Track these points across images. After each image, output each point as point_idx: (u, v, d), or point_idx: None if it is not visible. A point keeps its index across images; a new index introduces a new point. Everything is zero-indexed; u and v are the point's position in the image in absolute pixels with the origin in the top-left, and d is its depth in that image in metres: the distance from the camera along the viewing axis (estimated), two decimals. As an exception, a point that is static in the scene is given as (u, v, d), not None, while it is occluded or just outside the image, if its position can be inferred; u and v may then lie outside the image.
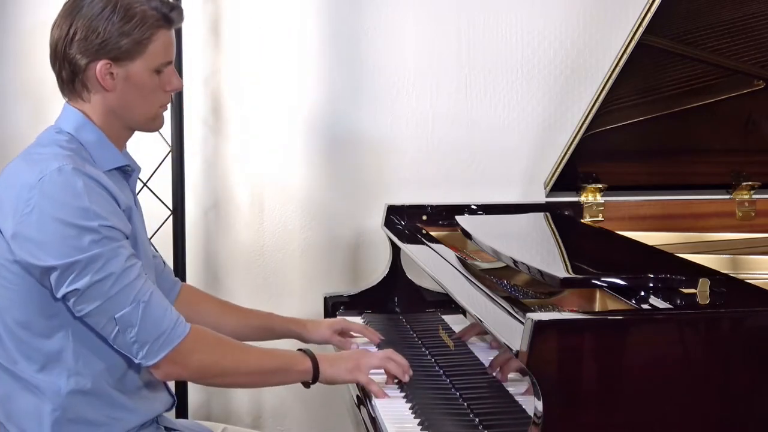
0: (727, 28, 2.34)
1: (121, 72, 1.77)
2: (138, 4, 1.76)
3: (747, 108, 2.52)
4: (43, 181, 1.67)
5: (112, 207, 1.71)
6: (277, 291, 3.30)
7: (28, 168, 1.72)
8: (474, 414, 1.73)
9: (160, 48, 1.79)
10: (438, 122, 3.19)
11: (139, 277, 1.70)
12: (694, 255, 2.08)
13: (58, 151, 1.74)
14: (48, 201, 1.66)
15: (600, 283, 1.67)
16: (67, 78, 1.81)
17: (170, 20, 1.80)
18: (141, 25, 1.75)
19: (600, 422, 1.40)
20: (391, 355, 1.91)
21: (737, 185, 2.66)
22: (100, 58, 1.75)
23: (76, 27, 1.76)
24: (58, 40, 1.79)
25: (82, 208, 1.66)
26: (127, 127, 1.86)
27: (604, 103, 2.37)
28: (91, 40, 1.74)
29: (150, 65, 1.78)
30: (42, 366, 1.74)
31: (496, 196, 2.98)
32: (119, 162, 1.84)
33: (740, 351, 1.43)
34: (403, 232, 2.53)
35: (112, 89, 1.78)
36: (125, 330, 1.68)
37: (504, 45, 3.13)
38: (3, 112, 3.56)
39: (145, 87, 1.80)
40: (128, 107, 1.81)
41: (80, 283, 1.65)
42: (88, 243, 1.65)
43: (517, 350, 1.40)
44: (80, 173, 1.68)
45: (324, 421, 3.29)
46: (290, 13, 3.25)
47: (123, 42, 1.75)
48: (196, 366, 1.76)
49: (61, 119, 1.85)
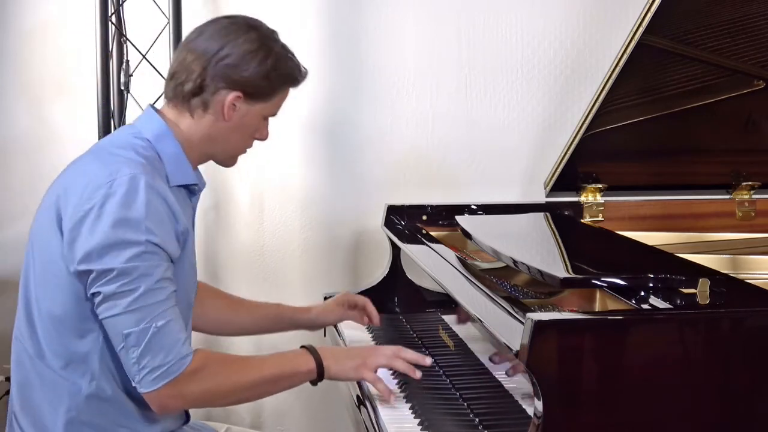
0: (727, 28, 2.34)
1: (244, 108, 1.83)
2: (286, 59, 1.86)
3: (747, 108, 2.52)
4: (111, 184, 1.67)
5: (168, 226, 1.71)
6: (277, 291, 3.30)
7: (100, 166, 1.72)
8: (474, 414, 1.74)
9: (279, 101, 1.90)
10: (438, 122, 3.19)
11: (164, 301, 1.68)
12: (694, 255, 2.08)
13: (133, 156, 1.74)
14: (108, 206, 1.66)
15: (600, 283, 1.67)
16: (188, 90, 1.82)
17: (297, 82, 1.91)
18: (281, 76, 1.85)
19: (600, 422, 1.40)
20: (399, 353, 1.86)
21: (737, 185, 2.66)
22: (236, 90, 1.80)
23: (229, 52, 1.80)
24: (201, 54, 1.80)
25: (136, 220, 1.66)
26: (208, 155, 1.89)
27: (604, 103, 2.37)
28: (238, 71, 1.79)
29: (265, 112, 1.88)
30: (67, 364, 1.74)
31: (496, 196, 2.98)
32: (190, 180, 1.85)
33: (740, 351, 1.43)
34: (403, 232, 2.53)
35: (227, 120, 1.82)
36: (129, 348, 1.66)
37: (504, 45, 3.13)
38: (3, 112, 3.56)
39: (250, 128, 1.87)
40: (226, 140, 1.86)
41: (107, 289, 1.65)
42: (128, 255, 1.65)
43: (517, 350, 1.40)
44: (148, 186, 1.68)
45: (324, 420, 3.29)
46: (290, 13, 3.25)
47: (262, 84, 1.82)
48: (194, 396, 1.71)
49: (142, 123, 1.85)
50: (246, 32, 1.82)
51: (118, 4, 3.16)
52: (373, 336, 2.32)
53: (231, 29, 1.82)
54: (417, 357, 1.85)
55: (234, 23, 1.84)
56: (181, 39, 3.11)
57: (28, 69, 3.51)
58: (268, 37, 1.85)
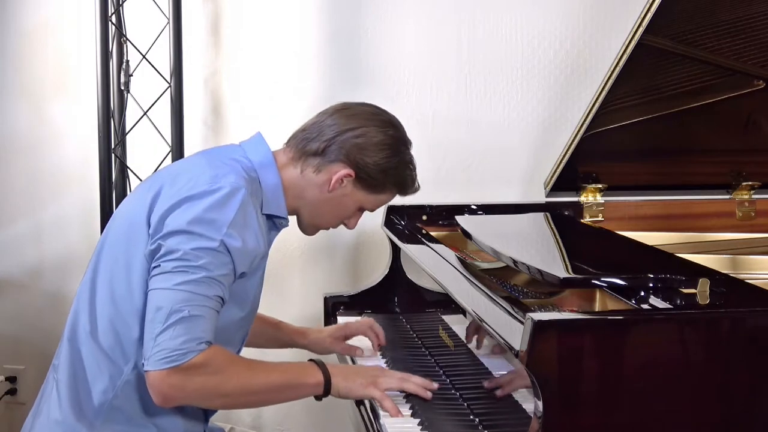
0: (727, 28, 2.34)
1: (348, 189, 1.89)
2: (407, 166, 1.93)
3: (747, 108, 2.51)
4: (214, 184, 1.74)
5: (249, 244, 1.76)
6: (277, 291, 3.30)
7: (208, 167, 1.80)
8: (474, 414, 1.74)
9: (382, 200, 1.96)
10: (438, 122, 3.19)
11: (209, 298, 1.70)
12: (694, 255, 2.07)
13: (241, 172, 1.81)
14: (202, 201, 1.72)
15: (600, 283, 1.67)
16: (312, 147, 1.88)
17: (406, 193, 1.98)
18: (396, 179, 1.92)
19: (600, 422, 1.40)
20: (407, 377, 1.85)
21: (737, 185, 2.66)
22: (351, 168, 1.86)
23: (364, 133, 1.87)
24: (340, 125, 1.88)
25: (222, 221, 1.71)
26: (294, 213, 1.94)
27: (604, 103, 2.36)
28: (363, 154, 1.86)
29: (364, 203, 1.93)
30: (116, 346, 1.78)
31: (496, 196, 2.98)
32: (281, 213, 1.90)
33: (740, 351, 1.43)
34: (403, 232, 2.53)
35: (328, 191, 1.89)
36: (155, 322, 1.67)
37: (504, 45, 3.12)
38: (3, 112, 3.56)
39: (344, 210, 1.93)
40: (318, 210, 1.93)
41: (167, 265, 1.70)
42: (197, 246, 1.70)
43: (517, 350, 1.40)
44: (247, 202, 1.75)
45: (324, 420, 3.29)
46: (290, 13, 3.25)
47: (377, 176, 1.89)
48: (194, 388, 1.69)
49: (251, 146, 1.91)
50: (387, 126, 1.90)
51: (118, 4, 3.16)
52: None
53: (376, 118, 1.90)
54: (425, 382, 1.85)
55: (381, 114, 1.92)
56: (181, 39, 3.13)
57: (28, 69, 3.51)
58: (404, 141, 1.92)
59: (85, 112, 3.30)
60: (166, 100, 3.15)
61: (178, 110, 3.14)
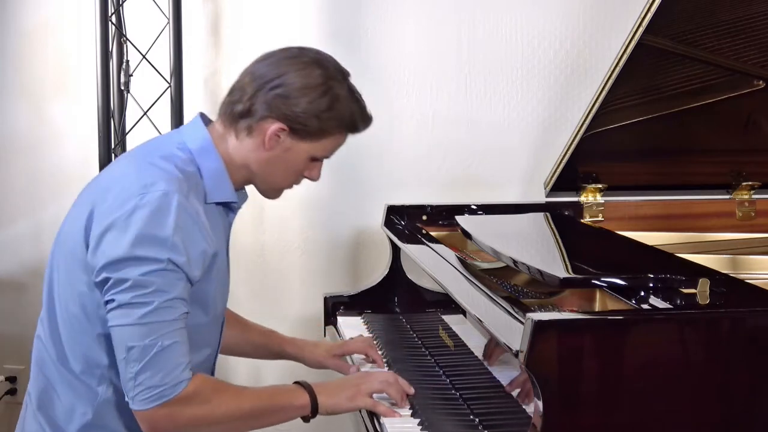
0: (727, 28, 2.34)
1: (287, 142, 1.77)
2: (344, 101, 1.77)
3: (747, 108, 2.51)
4: (143, 196, 1.65)
5: (195, 248, 1.68)
6: (277, 291, 3.30)
7: (136, 174, 1.70)
8: (474, 414, 1.73)
9: (332, 145, 1.81)
10: (438, 122, 3.19)
11: (174, 321, 1.65)
12: (694, 255, 2.07)
13: (172, 170, 1.71)
14: (135, 219, 1.64)
15: (600, 283, 1.67)
16: (238, 110, 1.78)
17: (356, 129, 1.82)
18: (335, 119, 1.77)
19: (600, 422, 1.39)
20: (391, 380, 1.84)
21: (737, 185, 2.66)
22: (281, 121, 1.75)
23: (284, 82, 1.75)
24: (258, 78, 1.77)
25: (162, 238, 1.63)
26: (248, 180, 1.85)
27: (604, 103, 2.37)
28: (287, 103, 1.74)
29: (313, 152, 1.80)
30: (86, 369, 1.74)
31: (496, 196, 2.98)
32: (228, 197, 1.82)
33: (740, 351, 1.43)
34: (403, 232, 2.53)
35: (269, 149, 1.78)
36: (130, 362, 1.64)
37: (504, 45, 3.13)
38: (3, 111, 3.56)
39: (295, 166, 1.81)
40: (267, 171, 1.82)
41: (121, 297, 1.63)
42: (147, 270, 1.63)
43: (517, 350, 1.40)
44: (181, 206, 1.66)
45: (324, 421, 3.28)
46: (290, 13, 3.25)
47: (311, 123, 1.75)
48: (185, 421, 1.68)
49: (187, 133, 1.82)
50: (309, 66, 1.76)
51: (118, 4, 3.16)
52: (374, 336, 2.32)
53: (295, 60, 1.77)
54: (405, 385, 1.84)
55: (301, 55, 1.79)
56: (181, 39, 3.13)
57: (28, 69, 3.51)
58: (333, 77, 1.78)
59: (85, 112, 3.30)
60: (166, 100, 3.15)
61: (178, 110, 3.13)
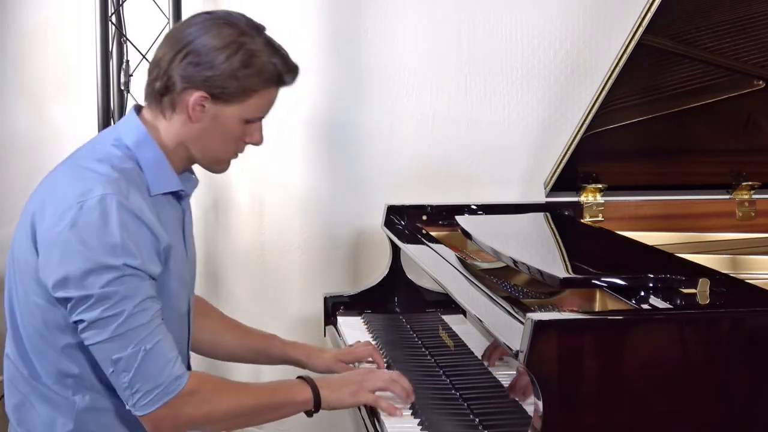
0: (727, 28, 2.34)
1: (213, 110, 1.71)
2: (261, 54, 1.71)
3: (747, 108, 2.51)
4: (81, 206, 1.61)
5: (145, 246, 1.64)
6: (277, 291, 3.30)
7: (72, 182, 1.66)
8: (474, 414, 1.73)
9: (261, 103, 1.75)
10: (438, 122, 3.19)
11: (151, 322, 1.63)
12: (694, 255, 2.07)
13: (108, 172, 1.66)
14: (79, 228, 1.60)
15: (600, 283, 1.67)
16: (158, 89, 1.72)
17: (282, 81, 1.76)
18: (255, 76, 1.71)
19: (600, 422, 1.39)
20: (396, 378, 1.83)
21: (737, 185, 2.66)
22: (200, 89, 1.69)
23: (194, 48, 1.68)
24: (171, 50, 1.71)
25: (111, 244, 1.60)
26: (190, 159, 1.80)
27: (604, 103, 2.37)
28: (200, 69, 1.68)
29: (243, 114, 1.74)
30: (59, 381, 1.72)
31: (496, 196, 2.98)
32: (172, 187, 1.77)
33: (740, 351, 1.43)
34: (403, 232, 2.53)
35: (196, 121, 1.72)
36: (120, 373, 1.63)
37: (504, 45, 3.13)
38: (3, 111, 3.56)
39: (229, 133, 1.75)
40: (203, 144, 1.76)
41: (89, 315, 1.61)
42: (106, 280, 1.60)
43: (517, 350, 1.40)
44: (121, 206, 1.61)
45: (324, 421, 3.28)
46: (290, 13, 3.25)
47: (230, 84, 1.69)
48: (188, 418, 1.68)
49: (123, 128, 1.77)
50: (218, 27, 1.69)
51: (118, 4, 3.16)
52: (374, 336, 2.32)
53: (205, 24, 1.70)
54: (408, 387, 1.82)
55: (211, 18, 1.72)
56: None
57: (28, 69, 3.51)
58: (244, 32, 1.70)
59: (85, 112, 3.30)
60: (166, 100, 3.14)
61: (178, 110, 3.14)
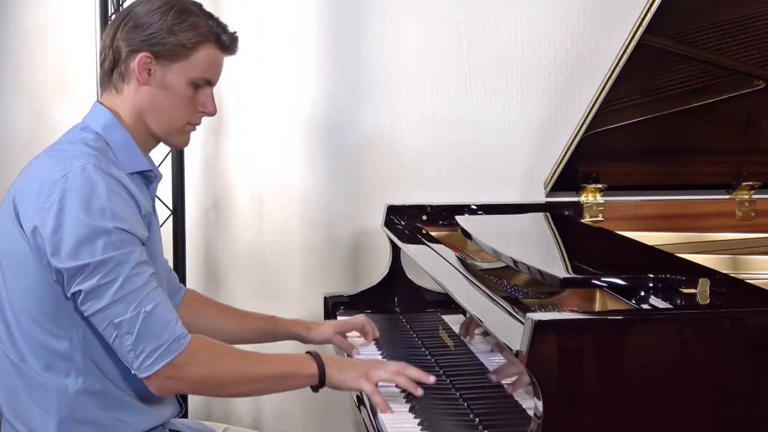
0: (727, 28, 2.34)
1: (159, 71, 1.79)
2: (194, 15, 1.81)
3: (747, 108, 2.51)
4: (66, 178, 1.66)
5: (131, 210, 1.71)
6: (277, 291, 3.30)
7: (52, 164, 1.71)
8: (474, 414, 1.74)
9: (202, 61, 1.82)
10: (438, 122, 3.19)
11: (147, 284, 1.68)
12: (694, 255, 2.08)
13: (83, 149, 1.74)
14: (69, 199, 1.65)
15: (600, 283, 1.67)
16: (108, 67, 1.82)
17: (221, 41, 1.84)
18: (190, 30, 1.79)
19: (600, 422, 1.39)
20: (402, 370, 1.82)
21: (737, 185, 2.66)
22: (143, 50, 1.78)
23: (131, 15, 1.80)
24: (109, 32, 1.82)
25: (101, 208, 1.65)
26: (153, 135, 1.86)
27: (604, 103, 2.37)
28: (139, 30, 1.78)
29: (188, 74, 1.81)
30: (49, 364, 1.73)
31: (496, 196, 2.98)
32: (143, 166, 1.83)
33: (740, 351, 1.43)
34: (403, 232, 2.53)
35: (145, 83, 1.79)
36: (123, 336, 1.65)
37: (504, 45, 3.13)
38: (3, 111, 3.56)
39: (178, 95, 1.82)
40: (156, 110, 1.82)
41: (87, 285, 1.65)
42: (101, 246, 1.65)
43: (517, 350, 1.40)
44: (104, 173, 1.68)
45: (324, 421, 3.29)
46: (290, 13, 3.25)
47: (168, 40, 1.78)
48: (193, 379, 1.71)
49: (90, 117, 1.85)
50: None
51: (118, 4, 3.16)
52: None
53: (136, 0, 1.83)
54: (421, 375, 1.81)
55: None
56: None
57: (28, 69, 3.51)
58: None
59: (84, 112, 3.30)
60: (166, 100, 3.15)
61: (178, 110, 3.14)
